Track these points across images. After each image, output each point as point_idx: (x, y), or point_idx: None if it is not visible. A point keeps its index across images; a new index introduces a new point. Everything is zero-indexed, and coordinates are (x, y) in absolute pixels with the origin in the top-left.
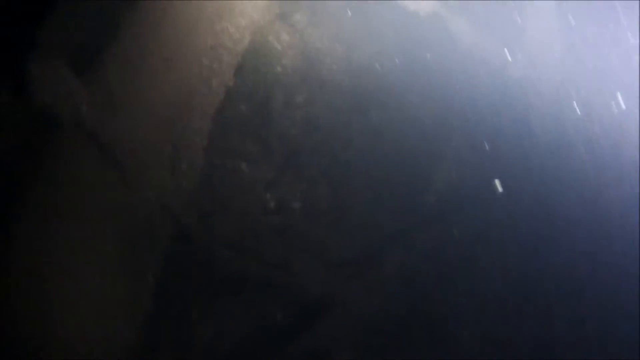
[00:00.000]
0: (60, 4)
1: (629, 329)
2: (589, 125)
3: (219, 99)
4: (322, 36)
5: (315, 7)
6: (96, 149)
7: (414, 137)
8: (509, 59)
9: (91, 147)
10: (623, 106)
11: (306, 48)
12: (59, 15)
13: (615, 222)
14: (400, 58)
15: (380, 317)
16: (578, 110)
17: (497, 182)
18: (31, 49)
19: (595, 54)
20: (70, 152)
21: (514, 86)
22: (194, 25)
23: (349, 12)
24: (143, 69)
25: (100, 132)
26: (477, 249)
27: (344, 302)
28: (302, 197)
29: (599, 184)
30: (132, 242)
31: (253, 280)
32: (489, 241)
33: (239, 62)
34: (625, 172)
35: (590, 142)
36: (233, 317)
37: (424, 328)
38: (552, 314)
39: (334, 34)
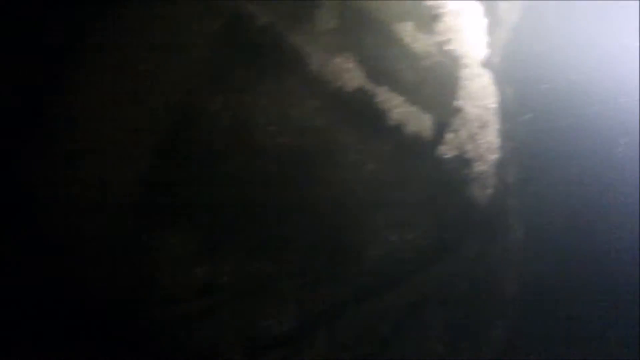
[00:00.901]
0: None
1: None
2: (526, 204)
3: (144, 183)
4: (260, 96)
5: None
6: None
7: (347, 208)
8: (442, 136)
9: None
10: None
11: (241, 110)
12: None
13: None
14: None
15: None
16: (513, 192)
17: None
18: None
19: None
20: None
21: (445, 164)
22: (112, 108)
23: None
24: (55, 161)
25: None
26: (409, 323)
27: None
28: (232, 274)
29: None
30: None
31: None
32: (421, 316)
33: (164, 139)
34: None
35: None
36: None
37: None
38: None
39: (272, 93)
